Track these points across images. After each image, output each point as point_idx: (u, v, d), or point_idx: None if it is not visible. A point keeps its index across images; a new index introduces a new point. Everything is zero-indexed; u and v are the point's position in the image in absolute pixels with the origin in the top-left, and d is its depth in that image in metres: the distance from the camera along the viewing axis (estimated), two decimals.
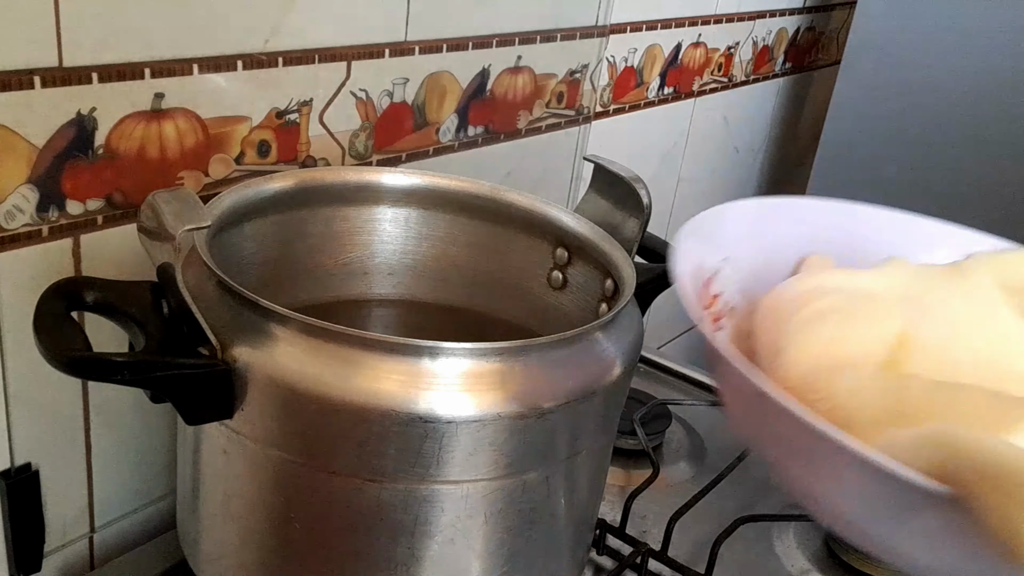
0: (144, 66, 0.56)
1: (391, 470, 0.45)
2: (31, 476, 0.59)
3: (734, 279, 0.51)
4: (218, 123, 0.61)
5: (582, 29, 0.91)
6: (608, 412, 0.52)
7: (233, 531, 0.50)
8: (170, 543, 0.61)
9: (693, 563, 0.64)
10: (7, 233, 0.53)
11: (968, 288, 0.49)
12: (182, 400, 0.44)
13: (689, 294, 0.44)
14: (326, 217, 0.63)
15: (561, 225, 0.62)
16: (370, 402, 0.43)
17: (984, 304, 0.49)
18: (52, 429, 0.59)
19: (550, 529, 0.51)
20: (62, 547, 0.63)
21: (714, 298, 0.49)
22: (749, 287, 0.51)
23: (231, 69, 0.61)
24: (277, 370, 0.44)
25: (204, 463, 0.50)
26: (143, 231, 0.49)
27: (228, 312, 0.46)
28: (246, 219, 0.58)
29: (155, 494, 0.68)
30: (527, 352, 0.46)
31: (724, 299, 0.50)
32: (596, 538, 0.65)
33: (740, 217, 0.53)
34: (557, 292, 0.65)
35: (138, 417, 0.64)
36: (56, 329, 0.43)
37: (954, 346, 0.46)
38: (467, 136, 0.82)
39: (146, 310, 0.47)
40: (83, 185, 0.56)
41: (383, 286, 0.68)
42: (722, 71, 1.25)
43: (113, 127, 0.56)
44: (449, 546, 0.48)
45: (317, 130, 0.68)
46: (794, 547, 0.69)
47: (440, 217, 0.66)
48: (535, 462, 0.48)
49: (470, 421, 0.44)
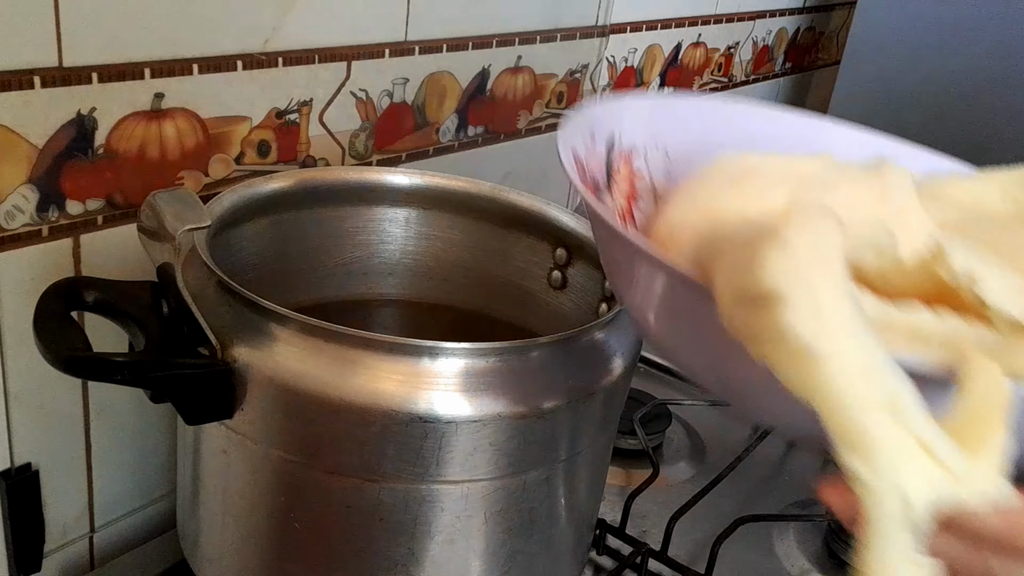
0: (144, 66, 0.56)
1: (391, 470, 0.45)
2: (31, 476, 0.59)
3: (661, 165, 0.53)
4: (218, 123, 0.61)
5: (582, 29, 0.91)
6: (608, 412, 0.52)
7: (233, 531, 0.50)
8: (170, 543, 0.61)
9: (693, 563, 0.64)
10: (7, 233, 0.53)
11: (880, 184, 0.48)
12: (182, 400, 0.44)
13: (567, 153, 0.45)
14: (326, 217, 0.63)
15: (561, 225, 0.62)
16: (370, 402, 0.43)
17: (891, 200, 0.47)
18: (52, 429, 0.59)
19: (550, 529, 0.51)
20: (62, 547, 0.63)
21: (632, 172, 0.51)
22: (676, 172, 0.53)
23: (231, 69, 0.61)
24: (277, 370, 0.44)
25: (204, 463, 0.50)
26: (143, 231, 0.49)
27: (228, 312, 0.46)
28: (246, 219, 0.58)
29: (155, 494, 0.68)
30: (527, 352, 0.46)
31: (647, 180, 0.52)
32: (596, 538, 0.65)
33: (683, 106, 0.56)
34: (557, 292, 0.65)
35: (138, 417, 0.64)
36: (56, 329, 0.43)
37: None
38: (467, 136, 0.82)
39: (146, 310, 0.47)
40: (83, 185, 0.55)
41: (383, 286, 0.68)
42: (722, 71, 1.25)
43: (113, 127, 0.56)
44: (449, 546, 0.48)
45: (317, 130, 0.68)
46: (794, 547, 0.69)
47: (440, 217, 0.66)
48: (535, 462, 0.48)
49: (470, 421, 0.44)
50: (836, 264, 0.31)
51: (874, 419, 0.29)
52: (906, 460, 0.29)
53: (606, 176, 0.51)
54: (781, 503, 0.74)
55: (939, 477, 0.29)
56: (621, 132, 0.51)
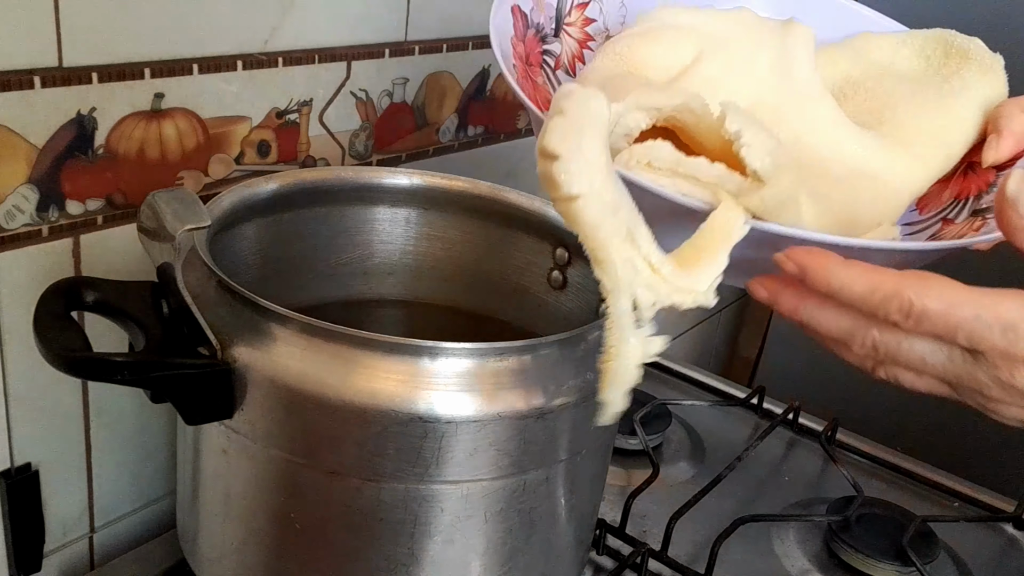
0: (144, 66, 0.56)
1: (391, 470, 0.45)
2: (31, 476, 0.59)
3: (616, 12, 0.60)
4: (218, 123, 0.61)
5: None
6: None
7: (233, 531, 0.50)
8: (170, 543, 0.61)
9: (693, 563, 0.64)
10: (7, 233, 0.53)
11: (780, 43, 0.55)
12: (182, 400, 0.44)
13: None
14: (326, 217, 0.63)
15: (561, 225, 0.62)
16: (370, 402, 0.43)
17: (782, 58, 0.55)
18: (52, 429, 0.59)
19: (550, 529, 0.51)
20: (62, 547, 0.63)
21: (587, 20, 0.59)
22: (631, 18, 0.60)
23: (231, 69, 0.61)
24: (277, 370, 0.44)
25: (204, 463, 0.50)
26: (143, 231, 0.49)
27: (228, 312, 0.46)
28: (246, 219, 0.58)
29: (155, 494, 0.68)
30: (527, 352, 0.46)
31: (601, 25, 0.60)
32: (596, 538, 0.65)
33: None
34: (557, 292, 0.65)
35: (138, 417, 0.64)
36: (56, 329, 0.43)
37: (726, 84, 0.52)
38: (467, 136, 0.82)
39: (146, 310, 0.47)
40: (83, 185, 0.56)
41: (383, 286, 0.68)
42: None
43: (113, 127, 0.56)
44: (449, 546, 0.48)
45: (317, 130, 0.68)
46: (794, 547, 0.69)
47: (440, 217, 0.66)
48: (535, 462, 0.48)
49: (470, 421, 0.44)
50: (598, 130, 0.40)
51: (615, 244, 0.39)
52: (634, 272, 0.40)
53: (555, 23, 0.58)
54: (781, 503, 0.74)
55: (658, 283, 0.40)
56: None
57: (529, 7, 0.55)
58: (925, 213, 0.55)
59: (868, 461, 0.81)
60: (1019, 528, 0.74)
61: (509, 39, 0.53)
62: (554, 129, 0.39)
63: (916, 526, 0.68)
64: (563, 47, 0.58)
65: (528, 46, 0.55)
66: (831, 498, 0.72)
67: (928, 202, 0.55)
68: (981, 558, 0.70)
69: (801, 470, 0.79)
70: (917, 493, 0.78)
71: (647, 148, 0.44)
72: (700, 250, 0.41)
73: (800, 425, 0.84)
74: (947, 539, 0.70)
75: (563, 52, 0.58)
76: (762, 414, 0.86)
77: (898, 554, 0.66)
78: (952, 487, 0.78)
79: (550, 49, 0.57)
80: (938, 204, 0.54)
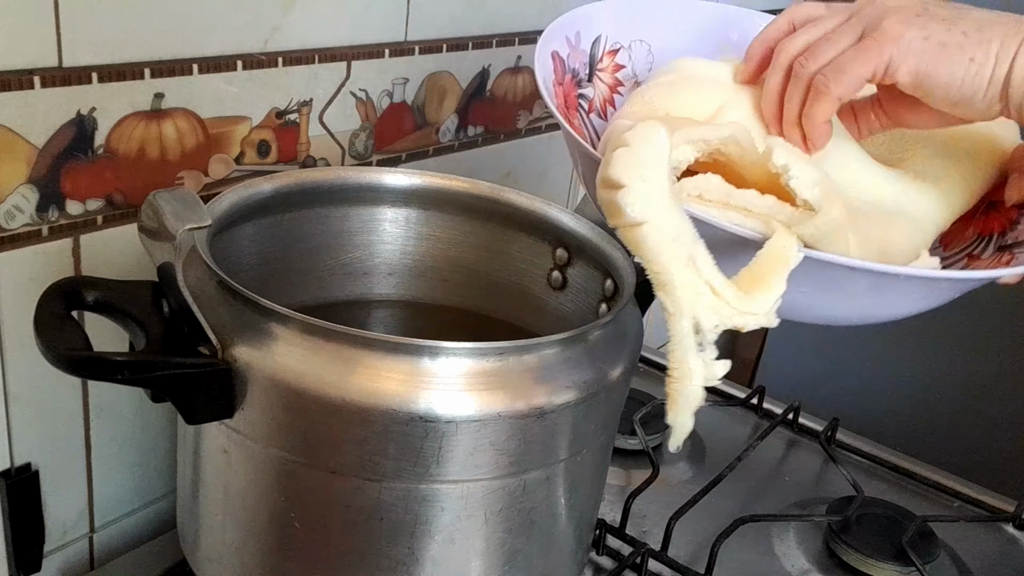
0: (144, 66, 0.56)
1: (391, 470, 0.45)
2: (31, 476, 0.59)
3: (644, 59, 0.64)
4: (218, 123, 0.61)
5: None
6: (608, 412, 0.52)
7: (233, 531, 0.50)
8: (170, 543, 0.61)
9: (693, 563, 0.64)
10: (7, 233, 0.53)
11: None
12: (182, 400, 0.44)
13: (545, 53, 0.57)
14: (326, 217, 0.63)
15: (561, 225, 0.62)
16: (370, 402, 0.43)
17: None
18: (52, 429, 0.59)
19: (550, 529, 0.51)
20: (62, 547, 0.63)
21: (617, 67, 0.63)
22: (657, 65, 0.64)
23: (231, 69, 0.61)
24: (277, 370, 0.44)
25: (204, 463, 0.50)
26: (143, 231, 0.49)
27: (228, 312, 0.46)
28: (246, 219, 0.58)
29: (155, 494, 0.68)
30: (527, 352, 0.46)
31: (630, 71, 0.64)
32: (596, 538, 0.65)
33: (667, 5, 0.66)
34: (557, 292, 0.65)
35: (138, 417, 0.64)
36: (56, 328, 0.43)
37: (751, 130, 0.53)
38: (467, 136, 0.82)
39: (146, 310, 0.47)
40: (83, 185, 0.56)
41: (383, 286, 0.68)
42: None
43: (113, 127, 0.56)
44: (449, 546, 0.48)
45: (317, 130, 0.68)
46: (794, 547, 0.69)
47: (440, 217, 0.66)
48: (535, 462, 0.48)
49: (470, 421, 0.44)
50: (661, 162, 0.43)
51: (676, 268, 0.42)
52: (696, 295, 0.42)
53: (588, 69, 0.61)
54: (781, 503, 0.74)
55: (720, 306, 0.43)
56: (606, 29, 0.63)
57: (566, 53, 0.59)
58: (949, 250, 0.57)
59: (868, 461, 0.81)
60: (1019, 528, 0.74)
61: (551, 83, 0.56)
62: (618, 160, 0.42)
63: (916, 526, 0.68)
64: (595, 91, 0.61)
65: (566, 90, 0.59)
66: (831, 498, 0.72)
67: (952, 239, 0.57)
68: (981, 558, 0.70)
69: (801, 470, 0.79)
70: (917, 493, 0.78)
71: (698, 181, 0.47)
72: (758, 276, 0.44)
73: (800, 425, 0.84)
74: (947, 539, 0.70)
75: (595, 96, 0.61)
76: (762, 414, 0.86)
77: (898, 554, 0.66)
78: (952, 487, 0.78)
79: (584, 93, 0.61)
80: (962, 240, 0.57)
